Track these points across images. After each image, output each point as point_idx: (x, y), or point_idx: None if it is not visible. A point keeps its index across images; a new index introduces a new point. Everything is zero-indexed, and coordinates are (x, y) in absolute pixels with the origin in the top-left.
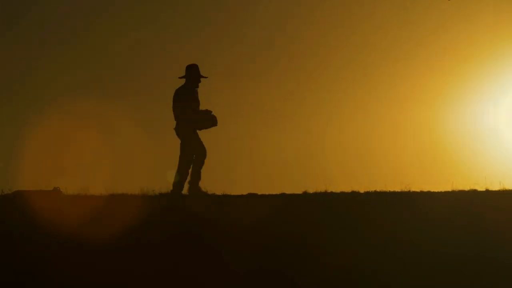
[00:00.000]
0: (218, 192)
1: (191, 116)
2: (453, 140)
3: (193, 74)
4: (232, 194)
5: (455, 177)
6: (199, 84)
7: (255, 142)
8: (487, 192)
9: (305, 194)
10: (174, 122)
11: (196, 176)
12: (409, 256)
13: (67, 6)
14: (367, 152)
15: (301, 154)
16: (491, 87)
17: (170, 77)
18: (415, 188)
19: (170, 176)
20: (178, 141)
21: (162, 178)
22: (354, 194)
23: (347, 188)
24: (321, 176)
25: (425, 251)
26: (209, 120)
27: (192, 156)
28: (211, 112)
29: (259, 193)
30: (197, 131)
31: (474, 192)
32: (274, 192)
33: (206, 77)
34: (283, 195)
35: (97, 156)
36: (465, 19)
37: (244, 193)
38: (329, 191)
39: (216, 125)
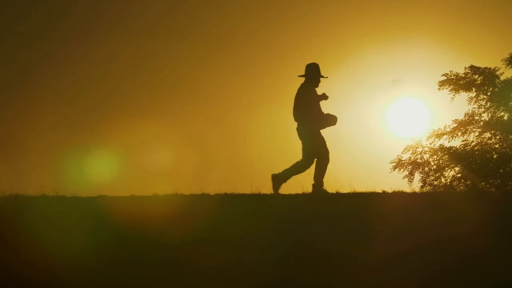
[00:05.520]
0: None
1: (311, 116)
2: None
3: (313, 73)
4: None
5: (306, 180)
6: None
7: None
8: (337, 194)
9: (155, 195)
10: (296, 123)
11: (319, 179)
12: (255, 259)
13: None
14: (218, 154)
15: (153, 156)
16: (345, 93)
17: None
18: (266, 190)
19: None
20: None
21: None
22: (204, 196)
23: (197, 191)
24: (170, 179)
25: (275, 253)
26: (329, 119)
27: (312, 159)
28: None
29: None
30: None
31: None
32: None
33: (326, 77)
34: (132, 196)
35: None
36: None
37: None
38: (179, 193)
39: (335, 124)
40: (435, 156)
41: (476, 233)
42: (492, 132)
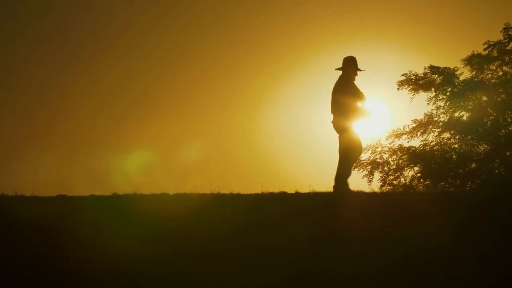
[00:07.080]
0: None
1: (346, 109)
2: (265, 143)
3: (350, 66)
4: None
5: (265, 180)
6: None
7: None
8: (297, 194)
9: (114, 195)
10: (331, 116)
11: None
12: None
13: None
14: (177, 154)
15: (111, 157)
16: (306, 93)
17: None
18: (225, 190)
19: None
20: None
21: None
22: (164, 196)
23: (157, 190)
24: (129, 180)
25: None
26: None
27: (350, 150)
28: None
29: None
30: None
31: (283, 195)
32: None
33: (363, 70)
34: (92, 196)
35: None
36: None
37: None
38: (138, 193)
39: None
40: (395, 156)
41: (433, 232)
42: (452, 132)
